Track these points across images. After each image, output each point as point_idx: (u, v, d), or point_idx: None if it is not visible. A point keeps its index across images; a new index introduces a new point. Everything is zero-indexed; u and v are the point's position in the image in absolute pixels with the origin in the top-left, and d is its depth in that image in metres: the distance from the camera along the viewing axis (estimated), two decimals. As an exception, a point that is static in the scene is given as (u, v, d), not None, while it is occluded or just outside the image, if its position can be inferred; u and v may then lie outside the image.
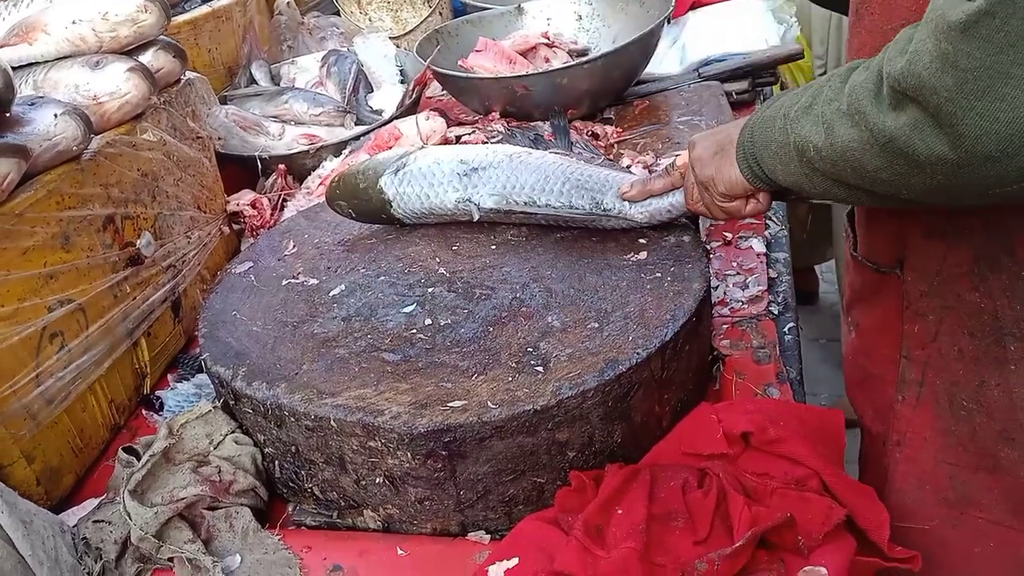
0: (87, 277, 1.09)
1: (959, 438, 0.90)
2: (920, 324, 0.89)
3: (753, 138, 0.86)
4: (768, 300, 1.20)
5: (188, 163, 1.34)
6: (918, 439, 0.93)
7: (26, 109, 1.05)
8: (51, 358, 1.03)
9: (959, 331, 0.86)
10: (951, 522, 0.93)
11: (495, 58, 1.76)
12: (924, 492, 0.94)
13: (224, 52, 1.88)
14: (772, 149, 0.83)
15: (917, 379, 0.91)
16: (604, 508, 0.83)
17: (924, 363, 0.90)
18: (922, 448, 0.93)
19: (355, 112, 1.79)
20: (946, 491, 0.92)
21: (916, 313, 0.89)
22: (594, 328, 0.94)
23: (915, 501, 0.96)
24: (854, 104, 0.70)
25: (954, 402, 0.89)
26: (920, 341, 0.89)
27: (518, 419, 0.84)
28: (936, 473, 0.93)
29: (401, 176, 1.17)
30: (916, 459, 0.94)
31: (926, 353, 0.89)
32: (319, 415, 0.88)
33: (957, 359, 0.87)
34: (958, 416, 0.89)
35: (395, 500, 0.90)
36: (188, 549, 0.90)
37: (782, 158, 0.82)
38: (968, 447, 0.89)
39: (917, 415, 0.92)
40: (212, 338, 1.05)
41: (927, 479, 0.94)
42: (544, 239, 1.14)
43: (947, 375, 0.88)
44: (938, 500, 0.94)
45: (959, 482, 0.91)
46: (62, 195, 1.06)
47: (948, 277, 0.85)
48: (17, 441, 0.98)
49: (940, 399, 0.90)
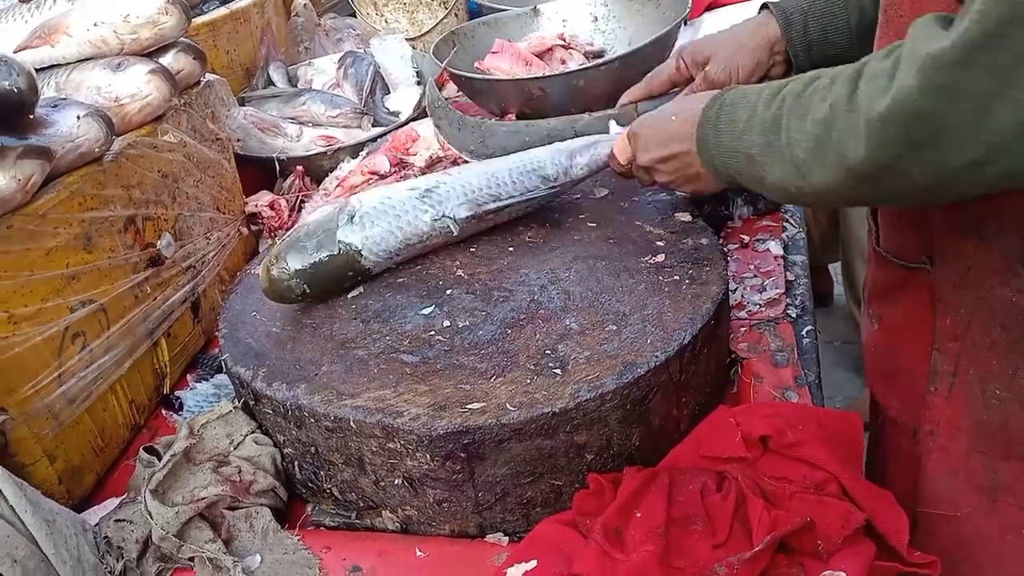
0: (108, 278, 1.10)
1: (992, 427, 0.90)
2: (951, 317, 0.89)
3: (724, 165, 0.90)
4: (786, 303, 1.20)
5: (208, 164, 1.35)
6: (951, 429, 0.94)
7: (49, 111, 1.06)
8: (73, 358, 1.04)
9: (991, 322, 0.86)
10: (984, 510, 0.94)
11: (511, 60, 1.76)
12: (957, 480, 0.95)
13: (242, 53, 1.89)
14: (746, 177, 0.87)
15: (950, 370, 0.91)
16: (623, 511, 0.83)
17: (957, 355, 0.90)
18: (955, 438, 0.94)
19: (372, 114, 1.80)
20: (979, 479, 0.93)
21: (947, 306, 0.89)
22: (612, 331, 0.94)
23: (948, 489, 0.96)
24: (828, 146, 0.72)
25: (987, 392, 0.89)
26: (952, 334, 0.90)
27: (536, 421, 0.84)
28: (969, 462, 0.93)
29: (360, 221, 1.08)
30: (949, 448, 0.94)
31: (958, 345, 0.90)
32: (339, 416, 0.88)
33: (989, 350, 0.87)
34: (991, 405, 0.89)
35: (413, 501, 0.90)
36: (209, 549, 0.90)
37: (761, 189, 0.87)
38: (1000, 436, 0.90)
39: (949, 406, 0.93)
40: (232, 339, 1.06)
41: (960, 468, 0.94)
42: (561, 241, 1.14)
43: (980, 365, 0.89)
44: (971, 488, 0.94)
45: (991, 470, 0.92)
46: (84, 196, 1.07)
47: (979, 273, 0.85)
48: (40, 440, 0.99)
49: (973, 389, 0.90)
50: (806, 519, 0.79)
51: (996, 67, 0.59)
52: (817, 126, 0.73)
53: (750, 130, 0.83)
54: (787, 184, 0.80)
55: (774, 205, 1.40)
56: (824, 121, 0.73)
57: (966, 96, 0.61)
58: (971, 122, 0.62)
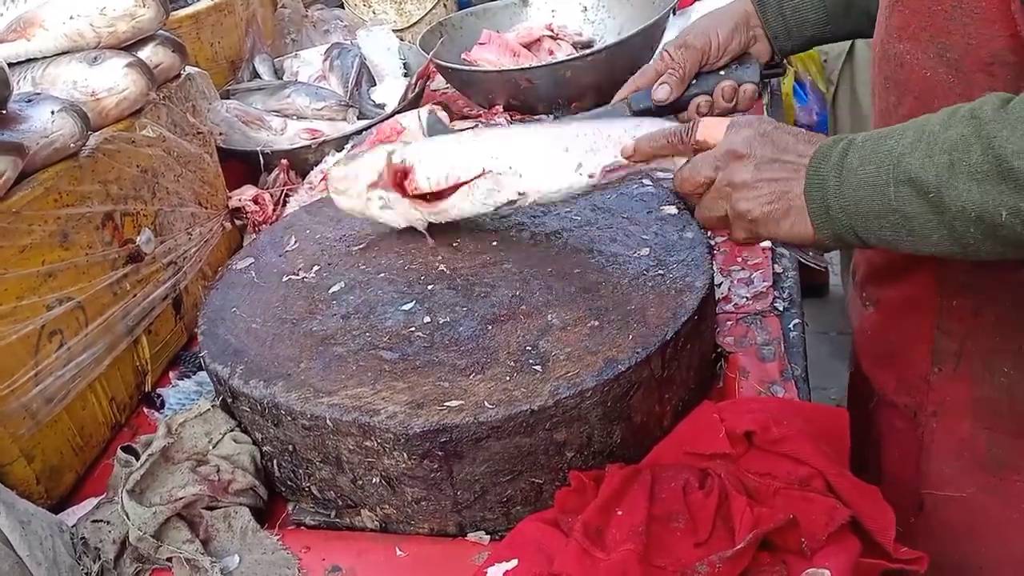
0: (86, 275, 1.09)
1: (997, 405, 0.90)
2: (959, 299, 0.89)
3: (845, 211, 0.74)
4: (773, 296, 1.19)
5: (188, 159, 1.33)
6: (956, 408, 0.93)
7: (23, 106, 1.05)
8: (50, 356, 1.02)
9: (1003, 305, 0.86)
10: (989, 488, 0.94)
11: (499, 51, 1.75)
12: (962, 460, 0.95)
13: (227, 46, 1.87)
14: (890, 221, 0.72)
15: (955, 351, 0.91)
16: (604, 509, 0.82)
17: (963, 335, 0.90)
18: (959, 417, 0.93)
19: (358, 106, 1.78)
20: (983, 457, 0.93)
21: (955, 289, 0.89)
22: (594, 326, 0.93)
23: (953, 469, 0.96)
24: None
25: (992, 370, 0.89)
26: (959, 315, 0.89)
27: (515, 419, 0.83)
28: (974, 440, 0.93)
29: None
30: (954, 428, 0.94)
31: (965, 326, 0.89)
32: (315, 414, 0.87)
33: (995, 328, 0.87)
34: (997, 383, 0.89)
35: (392, 500, 0.89)
36: (186, 549, 0.89)
37: (918, 227, 0.71)
38: (1006, 413, 0.89)
39: (955, 385, 0.93)
40: (211, 335, 1.04)
41: (964, 447, 0.94)
42: (546, 235, 1.12)
43: (986, 344, 0.88)
44: (976, 466, 0.94)
45: (996, 448, 0.92)
46: (60, 192, 1.05)
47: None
48: (16, 440, 0.98)
49: (977, 368, 0.90)
50: (789, 516, 0.78)
51: None
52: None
53: (917, 153, 0.69)
54: (993, 209, 0.65)
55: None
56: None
57: None
58: None
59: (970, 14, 0.75)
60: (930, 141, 0.68)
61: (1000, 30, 0.73)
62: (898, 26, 0.84)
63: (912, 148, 0.70)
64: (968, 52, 0.77)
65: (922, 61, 0.82)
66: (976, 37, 0.76)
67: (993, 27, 0.74)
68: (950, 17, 0.77)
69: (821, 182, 0.76)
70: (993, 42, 0.74)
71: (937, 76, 0.80)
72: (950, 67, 0.79)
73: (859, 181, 0.73)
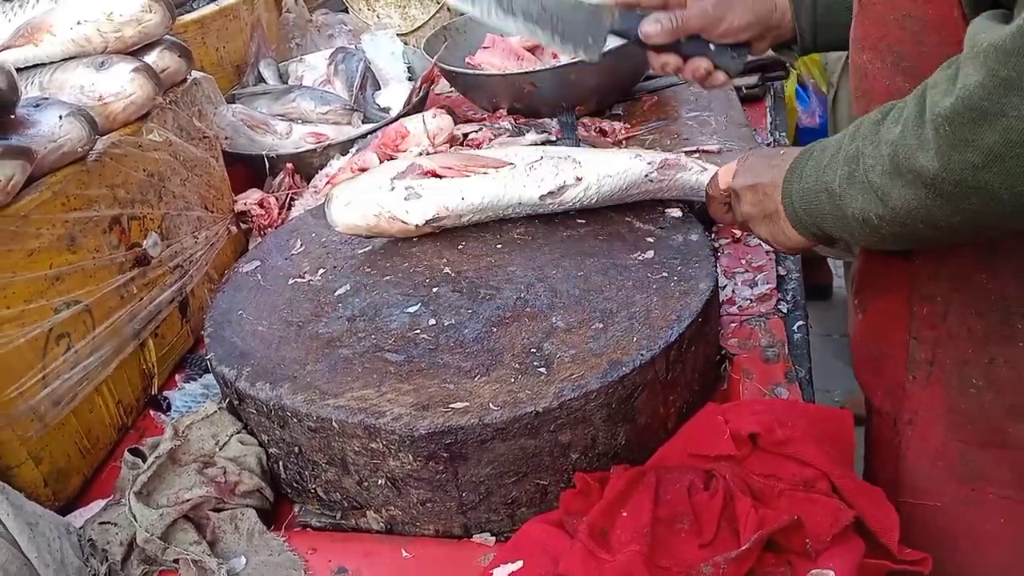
0: (94, 278, 1.10)
1: (969, 415, 0.90)
2: (928, 306, 0.89)
3: (806, 211, 0.85)
4: (777, 298, 1.19)
5: (195, 163, 1.34)
6: (929, 417, 0.94)
7: (31, 111, 1.05)
8: (58, 359, 1.03)
9: (967, 311, 0.86)
10: (962, 499, 0.94)
11: (503, 55, 1.75)
12: (936, 469, 0.95)
13: (232, 51, 1.88)
14: (830, 221, 0.83)
15: (927, 359, 0.91)
16: (609, 510, 0.83)
17: (933, 343, 0.90)
18: (933, 426, 0.93)
19: (362, 110, 1.79)
20: (957, 468, 0.93)
21: (924, 296, 0.89)
22: (598, 328, 0.93)
23: (927, 478, 0.96)
24: (901, 164, 0.68)
25: (964, 380, 0.89)
26: (929, 322, 0.90)
27: (520, 421, 0.83)
28: (947, 450, 0.93)
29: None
30: (927, 437, 0.94)
31: (935, 333, 0.90)
32: (321, 416, 0.87)
33: (966, 338, 0.87)
34: (967, 394, 0.89)
35: (397, 501, 0.90)
36: (193, 551, 0.89)
37: (844, 227, 0.81)
38: (978, 424, 0.89)
39: (927, 394, 0.93)
40: (217, 338, 1.05)
41: (938, 456, 0.94)
42: (550, 238, 1.13)
43: (956, 354, 0.89)
44: (950, 477, 0.94)
45: (969, 458, 0.92)
46: (68, 196, 1.06)
47: (955, 260, 0.85)
48: (24, 442, 0.98)
49: (950, 377, 0.90)
50: (793, 517, 0.78)
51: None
52: (890, 146, 0.70)
53: (833, 164, 0.79)
54: (868, 214, 0.75)
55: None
56: (895, 141, 0.69)
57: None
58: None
59: (919, 22, 0.76)
60: (843, 153, 0.78)
61: (947, 36, 0.74)
62: (860, 36, 0.85)
63: (831, 160, 0.80)
64: (921, 60, 0.77)
65: (882, 71, 0.82)
66: (927, 44, 0.76)
67: (940, 34, 0.75)
68: (901, 26, 0.78)
69: (788, 191, 0.87)
70: (942, 48, 0.74)
71: (895, 85, 0.81)
72: (907, 75, 0.79)
73: (806, 188, 0.84)
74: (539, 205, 1.12)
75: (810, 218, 0.85)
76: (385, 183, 1.12)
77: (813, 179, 0.83)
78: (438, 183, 1.11)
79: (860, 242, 0.84)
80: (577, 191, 1.10)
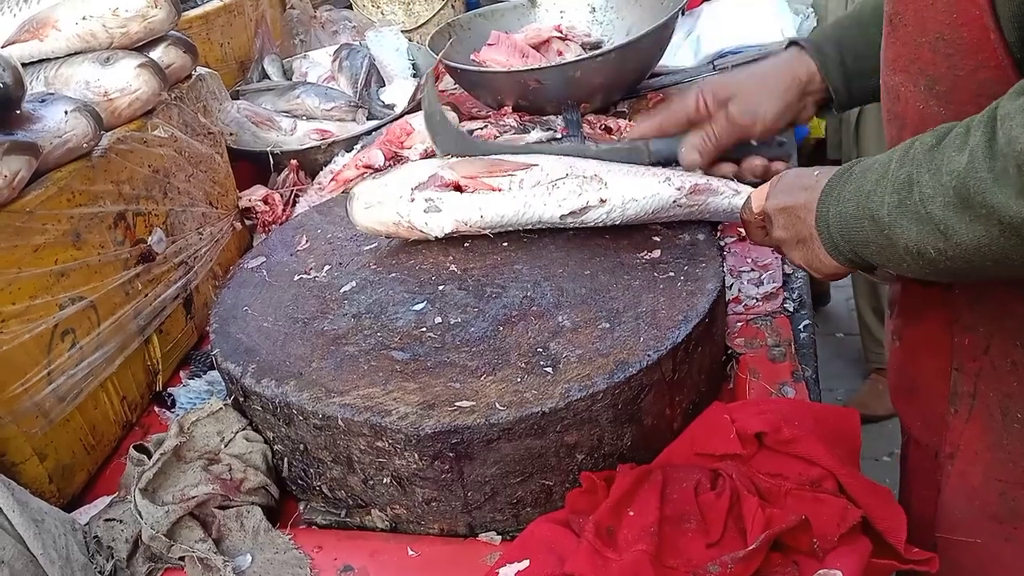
0: (98, 274, 1.09)
1: (1011, 453, 0.87)
2: (970, 337, 0.86)
3: (844, 237, 0.80)
4: (783, 297, 1.18)
5: (200, 159, 1.34)
6: (969, 452, 0.90)
7: (36, 106, 1.05)
8: (63, 355, 1.03)
9: (1010, 343, 0.83)
10: (1003, 536, 0.91)
11: (508, 52, 1.75)
12: (973, 506, 0.92)
13: (236, 47, 1.88)
14: (873, 249, 0.78)
15: (969, 391, 0.88)
16: (615, 510, 0.82)
17: (976, 375, 0.87)
18: (973, 462, 0.90)
19: (367, 107, 1.79)
20: (995, 507, 0.90)
21: (965, 326, 0.86)
22: (605, 328, 0.93)
23: (965, 514, 0.93)
24: (973, 197, 0.64)
25: (1007, 415, 0.86)
26: (971, 354, 0.86)
27: (526, 421, 0.83)
28: (985, 489, 0.90)
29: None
30: (967, 473, 0.91)
31: (977, 365, 0.86)
32: (327, 414, 0.87)
33: (1010, 371, 0.84)
34: (1011, 429, 0.86)
35: (402, 500, 0.90)
36: (199, 548, 0.89)
37: (891, 257, 0.76)
38: (1020, 462, 0.86)
39: (969, 428, 0.90)
40: (223, 334, 1.05)
41: (976, 495, 0.91)
42: (556, 237, 1.13)
43: (1000, 387, 0.85)
44: (987, 516, 0.91)
45: (1010, 498, 0.89)
46: (73, 192, 1.05)
47: (996, 290, 0.82)
48: (29, 438, 0.98)
49: (993, 412, 0.87)
50: (801, 517, 0.78)
51: None
52: (955, 177, 0.66)
53: (879, 191, 0.74)
54: (926, 247, 0.70)
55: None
56: (963, 172, 0.65)
57: None
58: None
59: (952, 45, 0.73)
60: (890, 179, 0.73)
61: (984, 61, 0.71)
62: (892, 59, 0.83)
63: (876, 185, 0.75)
64: (956, 84, 0.75)
65: (914, 94, 0.80)
66: (962, 68, 0.74)
67: (976, 58, 0.72)
68: (934, 48, 0.75)
69: (824, 215, 0.82)
70: (978, 73, 0.72)
71: (929, 109, 0.78)
72: (940, 100, 0.77)
73: (846, 213, 0.79)
74: (559, 223, 1.10)
75: (848, 245, 0.80)
76: (406, 193, 1.11)
77: (854, 204, 0.78)
78: (458, 198, 1.10)
79: (911, 273, 0.78)
80: (599, 212, 1.07)
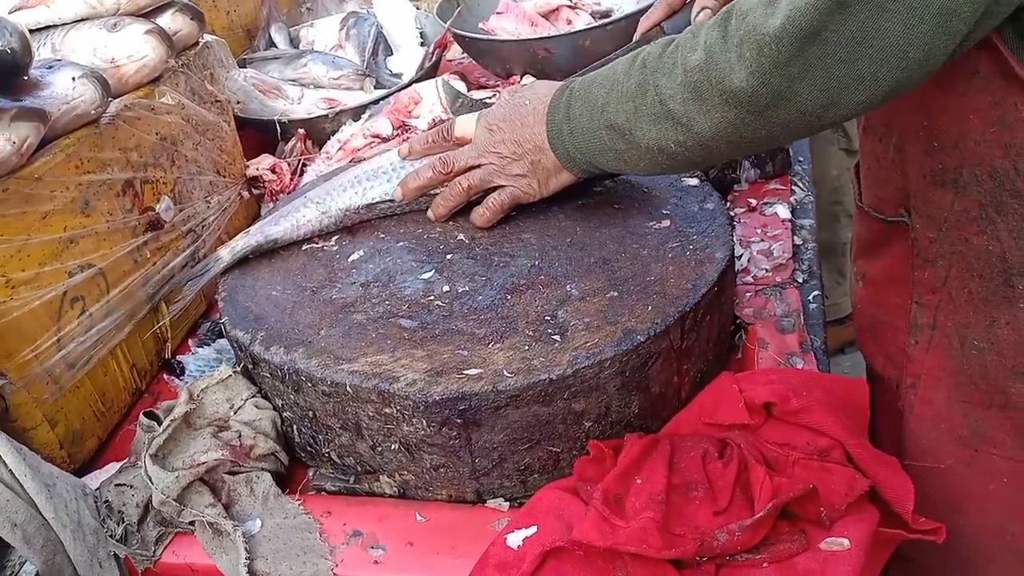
0: (107, 242, 1.09)
1: (971, 376, 0.91)
2: (930, 270, 0.90)
3: (579, 150, 0.93)
4: (793, 268, 1.18)
5: (207, 127, 1.33)
6: (931, 380, 0.95)
7: (44, 72, 1.05)
8: (72, 322, 1.03)
9: (968, 274, 0.87)
10: (966, 461, 0.95)
11: (516, 20, 1.73)
12: (940, 431, 0.96)
13: (243, 14, 1.86)
14: (611, 156, 0.90)
15: (929, 323, 0.92)
16: (623, 478, 0.83)
17: (935, 307, 0.91)
18: (936, 388, 0.94)
19: (374, 75, 1.77)
20: (960, 429, 0.94)
21: (925, 260, 0.90)
22: (613, 297, 0.93)
23: (931, 441, 0.97)
24: (712, 86, 0.74)
25: (965, 342, 0.90)
26: (930, 286, 0.91)
27: (534, 388, 0.83)
28: (950, 412, 0.94)
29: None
30: (930, 400, 0.95)
31: (937, 297, 0.91)
32: (335, 381, 0.87)
33: (967, 301, 0.88)
34: (969, 356, 0.90)
35: (410, 466, 0.90)
36: (209, 513, 0.90)
37: (630, 160, 0.89)
38: (980, 385, 0.90)
39: (930, 357, 0.94)
40: (231, 302, 1.05)
41: (942, 418, 0.95)
42: (565, 206, 1.12)
43: (958, 317, 0.89)
44: (953, 439, 0.95)
45: (972, 419, 0.92)
46: (81, 159, 1.05)
47: (956, 223, 0.85)
48: (40, 405, 0.99)
49: (952, 340, 0.91)
50: (808, 486, 0.78)
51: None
52: (692, 73, 0.76)
53: (612, 102, 0.86)
54: (666, 143, 0.82)
55: (782, 168, 1.37)
56: (700, 67, 0.75)
57: (861, 6, 0.64)
58: (860, 37, 0.65)
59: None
60: (620, 90, 0.85)
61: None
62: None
63: (608, 97, 0.87)
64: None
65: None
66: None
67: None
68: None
69: (558, 132, 0.95)
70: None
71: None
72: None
73: (582, 127, 0.92)
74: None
75: (583, 156, 0.94)
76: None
77: (587, 118, 0.90)
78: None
79: (647, 170, 0.92)
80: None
